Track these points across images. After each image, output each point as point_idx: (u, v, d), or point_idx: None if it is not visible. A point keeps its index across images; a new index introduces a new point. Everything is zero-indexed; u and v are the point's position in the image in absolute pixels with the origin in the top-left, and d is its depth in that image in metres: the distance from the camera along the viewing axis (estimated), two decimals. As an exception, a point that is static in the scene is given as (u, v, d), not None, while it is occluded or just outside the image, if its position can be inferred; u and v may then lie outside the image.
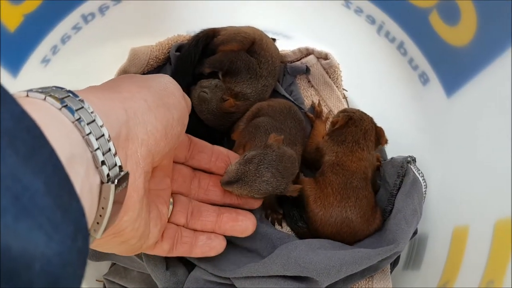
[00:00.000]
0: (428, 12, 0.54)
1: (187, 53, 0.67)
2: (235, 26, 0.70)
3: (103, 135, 0.34)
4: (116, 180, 0.34)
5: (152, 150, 0.41)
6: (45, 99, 0.32)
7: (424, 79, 0.60)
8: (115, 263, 0.66)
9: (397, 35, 0.60)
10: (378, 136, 0.63)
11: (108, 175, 0.34)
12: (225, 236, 0.56)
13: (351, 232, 0.58)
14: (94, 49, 0.64)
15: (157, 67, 0.71)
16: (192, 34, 0.71)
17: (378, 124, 0.64)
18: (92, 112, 0.34)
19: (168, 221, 0.53)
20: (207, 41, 0.68)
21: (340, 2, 0.65)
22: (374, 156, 0.63)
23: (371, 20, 0.63)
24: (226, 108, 0.65)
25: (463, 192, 0.54)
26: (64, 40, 0.59)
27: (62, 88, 0.34)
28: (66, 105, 0.32)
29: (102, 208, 0.34)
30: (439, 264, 0.53)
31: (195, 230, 0.54)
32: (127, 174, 0.36)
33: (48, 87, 0.34)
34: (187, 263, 0.59)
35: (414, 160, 0.60)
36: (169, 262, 0.58)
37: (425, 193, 0.59)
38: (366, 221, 0.58)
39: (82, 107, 0.33)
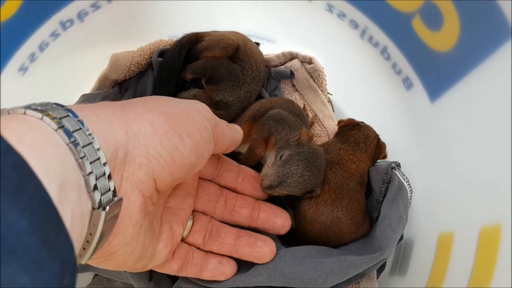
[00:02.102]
0: (411, 17, 0.54)
1: (171, 60, 0.66)
2: (219, 31, 0.69)
3: (98, 158, 0.33)
4: (107, 207, 0.33)
5: (154, 175, 0.39)
6: (42, 118, 0.31)
7: (407, 84, 0.59)
8: (97, 274, 0.65)
9: (381, 39, 0.60)
10: (379, 150, 0.64)
11: (100, 201, 0.33)
12: None
13: (338, 233, 0.58)
14: (73, 56, 0.63)
15: (139, 73, 0.70)
16: (174, 38, 0.70)
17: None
18: (90, 134, 0.33)
19: (185, 240, 0.52)
20: (190, 47, 0.67)
21: (323, 6, 0.64)
22: (370, 165, 0.63)
23: (354, 24, 0.62)
24: None
25: (448, 197, 0.54)
26: (42, 47, 0.57)
27: (62, 106, 0.33)
28: (63, 126, 0.31)
29: (90, 234, 0.33)
30: (425, 270, 0.53)
31: (211, 252, 0.53)
32: (120, 201, 0.35)
33: (48, 104, 0.33)
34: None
35: (398, 165, 0.60)
36: (153, 273, 0.57)
37: (411, 198, 0.59)
38: (355, 224, 0.58)
39: (80, 129, 0.32)
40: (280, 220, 0.56)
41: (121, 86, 0.69)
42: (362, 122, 0.65)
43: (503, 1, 0.42)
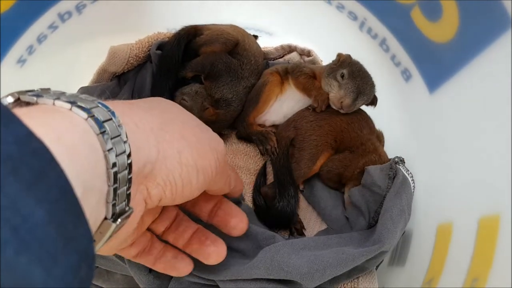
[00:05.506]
0: (410, 8, 0.53)
1: (170, 53, 0.66)
2: (218, 25, 0.69)
3: (126, 168, 0.33)
4: (119, 219, 0.33)
5: (162, 197, 0.40)
6: (87, 119, 0.30)
7: (406, 75, 0.59)
8: (97, 266, 0.65)
9: (379, 31, 0.60)
10: None
11: (113, 212, 0.33)
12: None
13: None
14: (71, 48, 0.63)
15: (138, 66, 0.70)
16: (173, 31, 0.70)
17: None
18: (125, 142, 0.33)
19: (148, 226, 0.51)
20: (188, 39, 0.67)
21: (322, -2, 0.64)
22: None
23: (353, 16, 0.62)
24: (207, 117, 0.64)
25: (447, 188, 0.54)
26: (40, 39, 0.57)
27: (107, 108, 0.33)
28: (105, 131, 0.31)
29: (94, 240, 0.33)
30: (424, 261, 0.53)
31: (170, 245, 0.52)
32: (131, 213, 0.35)
33: (94, 101, 0.33)
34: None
35: (402, 160, 0.60)
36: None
37: (413, 193, 0.58)
38: None
39: (119, 135, 0.32)
40: (234, 221, 0.53)
41: (119, 79, 0.69)
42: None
43: (502, -9, 0.42)
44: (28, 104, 0.30)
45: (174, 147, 0.39)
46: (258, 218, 0.63)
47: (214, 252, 0.50)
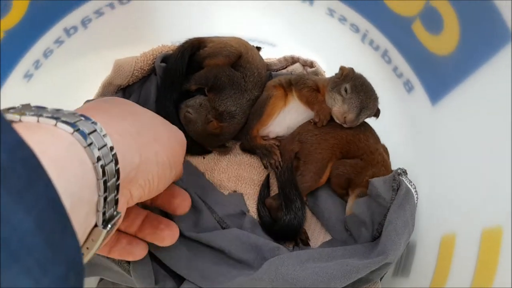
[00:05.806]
0: (411, 21, 0.54)
1: (174, 66, 0.66)
2: (221, 37, 0.70)
3: (114, 176, 0.34)
4: (109, 225, 0.34)
5: (142, 196, 0.42)
6: (73, 133, 0.31)
7: (408, 87, 0.60)
8: (103, 279, 0.65)
9: (381, 43, 0.61)
10: None
11: (103, 219, 0.33)
12: (218, 248, 0.55)
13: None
14: (77, 62, 0.64)
15: (142, 78, 0.71)
16: (177, 44, 0.71)
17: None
18: (112, 151, 0.34)
19: None
20: (192, 52, 0.68)
21: (324, 11, 0.65)
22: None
23: (355, 28, 0.63)
24: (211, 131, 0.64)
25: (450, 200, 0.54)
26: (46, 54, 0.58)
27: (90, 120, 0.34)
28: (92, 143, 0.32)
29: (87, 248, 0.34)
30: (428, 271, 0.53)
31: (124, 232, 0.52)
32: (120, 217, 0.36)
33: (76, 115, 0.33)
34: (177, 277, 0.59)
35: (404, 172, 0.60)
36: (158, 277, 0.57)
37: (417, 204, 0.58)
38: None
39: (105, 145, 0.33)
40: (177, 200, 0.55)
41: (124, 92, 0.70)
42: None
43: (502, 1, 0.42)
44: (11, 122, 0.31)
45: (151, 149, 0.41)
46: (263, 230, 0.64)
47: (169, 236, 0.53)
